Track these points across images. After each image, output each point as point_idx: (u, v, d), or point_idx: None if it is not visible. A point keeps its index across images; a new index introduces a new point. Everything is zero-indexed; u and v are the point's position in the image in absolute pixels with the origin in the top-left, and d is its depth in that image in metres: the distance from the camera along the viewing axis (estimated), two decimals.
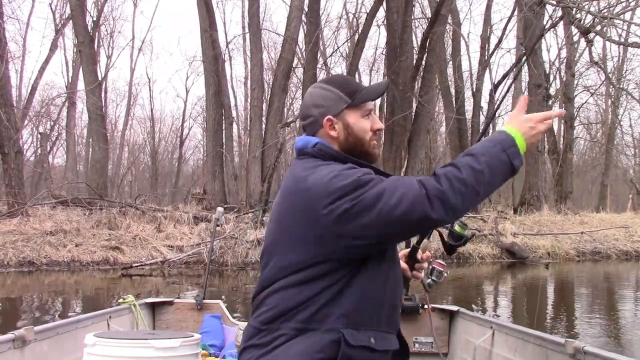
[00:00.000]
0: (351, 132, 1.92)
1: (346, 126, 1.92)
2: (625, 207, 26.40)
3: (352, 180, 1.72)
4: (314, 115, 1.95)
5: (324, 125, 1.92)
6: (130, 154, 39.74)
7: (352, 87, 1.95)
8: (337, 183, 1.73)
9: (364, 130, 1.94)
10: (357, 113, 1.94)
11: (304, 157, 1.91)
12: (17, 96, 26.67)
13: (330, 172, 1.76)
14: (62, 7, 27.91)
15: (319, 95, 1.96)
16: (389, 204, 1.67)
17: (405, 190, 1.67)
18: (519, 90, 29.00)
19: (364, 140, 1.94)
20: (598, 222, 20.01)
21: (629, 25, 16.75)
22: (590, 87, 27.60)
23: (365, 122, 1.95)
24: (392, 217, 1.68)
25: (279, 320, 1.81)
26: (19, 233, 14.31)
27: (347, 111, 1.93)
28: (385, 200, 1.67)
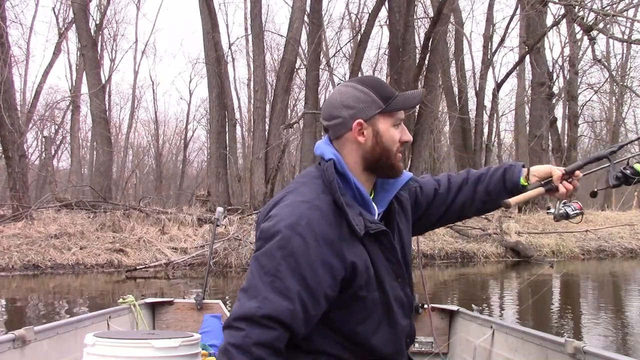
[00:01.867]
0: (380, 140, 1.79)
1: (376, 133, 1.79)
2: (630, 205, 26.30)
3: (270, 247, 1.65)
4: (342, 117, 1.79)
5: (352, 128, 1.78)
6: (134, 156, 39.79)
7: (387, 92, 1.80)
8: (267, 238, 1.67)
9: (392, 141, 1.81)
10: (389, 121, 1.80)
11: (318, 168, 1.83)
12: (21, 100, 26.76)
13: (286, 219, 1.67)
14: (65, 11, 27.96)
15: (350, 95, 1.79)
16: (239, 294, 1.67)
17: (241, 303, 1.63)
18: (522, 88, 28.96)
19: (390, 152, 1.81)
20: (603, 220, 19.93)
21: (632, 22, 16.67)
22: (594, 84, 27.50)
23: (395, 131, 1.81)
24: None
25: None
26: (23, 236, 14.35)
27: (379, 117, 1.79)
28: (241, 293, 1.66)
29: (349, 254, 1.69)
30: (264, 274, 1.61)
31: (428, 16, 23.54)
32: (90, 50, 21.30)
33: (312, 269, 1.63)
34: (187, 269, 13.87)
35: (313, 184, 1.77)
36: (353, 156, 1.80)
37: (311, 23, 20.37)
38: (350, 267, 1.70)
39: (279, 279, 1.60)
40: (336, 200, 1.71)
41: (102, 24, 26.49)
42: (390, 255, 1.81)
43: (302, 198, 1.72)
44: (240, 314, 1.60)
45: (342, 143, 1.81)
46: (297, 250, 1.62)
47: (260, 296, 1.60)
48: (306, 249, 1.63)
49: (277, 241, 1.63)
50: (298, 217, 1.66)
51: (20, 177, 16.11)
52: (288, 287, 1.60)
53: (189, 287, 11.83)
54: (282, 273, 1.60)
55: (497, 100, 25.40)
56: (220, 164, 19.46)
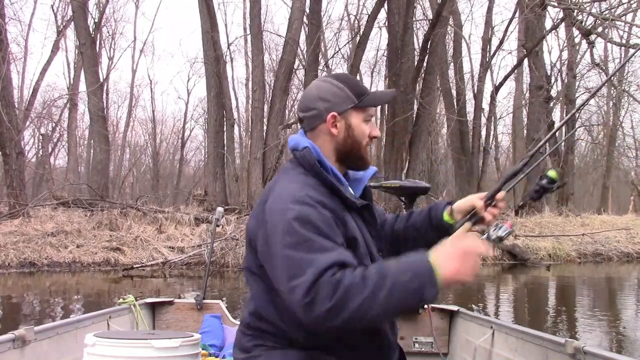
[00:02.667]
0: (352, 133, 1.90)
1: (348, 126, 1.89)
2: (626, 208, 26.36)
3: (285, 226, 1.68)
4: (318, 109, 1.90)
5: (327, 120, 1.89)
6: (131, 155, 39.74)
7: (360, 89, 1.92)
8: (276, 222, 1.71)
9: (363, 134, 1.91)
10: (361, 115, 1.91)
11: (293, 162, 1.92)
12: (18, 97, 26.70)
13: (286, 200, 1.73)
14: (63, 8, 27.90)
15: (326, 89, 1.92)
16: (285, 284, 1.65)
17: (297, 285, 1.60)
18: (520, 92, 28.99)
19: (361, 145, 1.91)
20: (599, 223, 19.97)
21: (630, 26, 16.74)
22: (592, 88, 27.54)
23: (365, 126, 1.92)
24: (283, 294, 1.68)
25: (258, 329, 1.84)
26: (20, 234, 14.32)
27: (352, 111, 1.90)
28: (284, 276, 1.65)
29: (348, 223, 1.81)
30: (298, 247, 1.65)
31: (427, 18, 23.55)
32: (88, 48, 21.28)
33: (330, 227, 1.70)
34: (184, 268, 13.86)
35: (293, 173, 1.86)
36: (326, 147, 1.91)
37: (310, 24, 20.37)
38: (351, 235, 1.79)
39: (312, 241, 1.65)
40: (324, 178, 1.82)
41: (100, 22, 26.41)
42: (372, 229, 1.94)
43: (291, 183, 1.81)
44: (306, 288, 1.59)
45: (316, 134, 1.92)
46: (312, 216, 1.69)
47: (310, 263, 1.61)
48: (318, 213, 1.70)
49: (290, 217, 1.68)
50: (297, 192, 1.74)
51: (17, 174, 16.08)
52: (323, 245, 1.65)
53: (186, 286, 11.83)
54: (310, 236, 1.65)
55: (495, 103, 25.44)
56: (217, 163, 19.45)
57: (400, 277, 1.59)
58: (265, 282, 1.79)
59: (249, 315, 1.89)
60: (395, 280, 1.59)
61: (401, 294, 1.59)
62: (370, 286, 1.57)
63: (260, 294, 1.83)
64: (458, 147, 23.55)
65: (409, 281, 1.59)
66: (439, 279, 1.61)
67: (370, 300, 1.57)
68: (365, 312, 1.57)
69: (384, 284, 1.58)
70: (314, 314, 1.58)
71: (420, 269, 1.61)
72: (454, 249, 1.68)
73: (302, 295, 1.58)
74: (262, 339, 1.82)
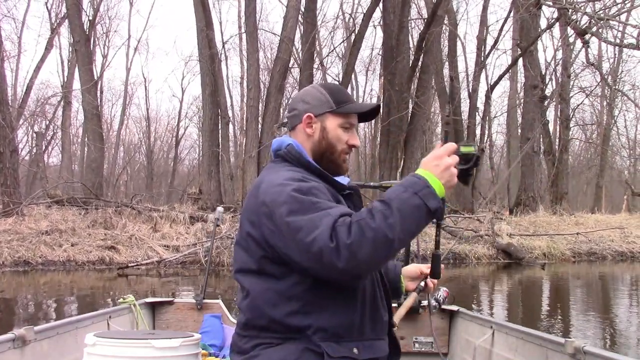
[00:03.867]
0: (326, 136, 1.98)
1: (323, 129, 1.98)
2: (620, 208, 26.45)
3: (287, 197, 1.74)
4: (298, 109, 2.02)
5: (303, 120, 1.99)
6: (125, 153, 39.60)
7: (342, 97, 2.02)
8: (276, 197, 1.77)
9: (338, 139, 1.99)
10: (337, 121, 1.99)
11: (276, 160, 2.00)
12: (12, 95, 26.60)
13: (280, 181, 1.81)
14: (57, 6, 27.86)
15: (309, 93, 2.04)
16: (305, 241, 1.68)
17: (318, 235, 1.65)
18: (514, 91, 29.07)
19: (335, 149, 1.99)
20: (593, 222, 20.05)
21: (624, 26, 16.77)
22: (586, 88, 27.67)
23: (343, 133, 2.00)
24: (308, 255, 1.69)
25: (256, 328, 1.85)
26: (14, 232, 14.27)
27: (329, 115, 1.99)
28: (301, 236, 1.69)
29: (342, 201, 1.90)
30: (307, 210, 1.71)
31: (422, 17, 23.61)
32: (82, 46, 21.19)
33: (326, 196, 1.81)
34: (179, 267, 13.84)
35: (280, 166, 1.95)
36: (305, 146, 2.00)
37: (305, 22, 20.36)
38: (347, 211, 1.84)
39: (318, 202, 1.73)
40: (311, 169, 1.93)
41: (95, 19, 26.35)
42: None
43: (281, 172, 1.88)
44: (327, 235, 1.64)
45: (296, 134, 2.03)
46: (310, 186, 1.78)
47: (323, 216, 1.68)
48: (314, 185, 1.80)
49: (290, 190, 1.75)
50: (291, 174, 1.84)
51: (11, 172, 16.03)
52: (329, 204, 1.74)
53: (181, 285, 11.81)
54: (314, 200, 1.73)
55: (489, 102, 25.50)
56: (212, 162, 19.43)
57: (402, 197, 1.69)
58: (265, 275, 1.82)
59: (245, 314, 1.90)
60: (399, 202, 1.68)
61: (409, 212, 1.67)
62: (379, 214, 1.65)
63: (259, 289, 1.84)
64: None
65: (410, 198, 1.69)
66: (436, 187, 1.73)
67: (384, 226, 1.64)
68: (384, 237, 1.64)
69: (390, 209, 1.66)
70: (342, 254, 1.62)
71: (415, 185, 1.72)
72: (438, 162, 1.78)
73: (326, 240, 1.64)
74: (260, 337, 1.83)
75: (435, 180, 1.74)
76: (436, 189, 1.73)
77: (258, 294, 1.84)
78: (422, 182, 1.72)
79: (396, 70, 19.03)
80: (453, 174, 1.79)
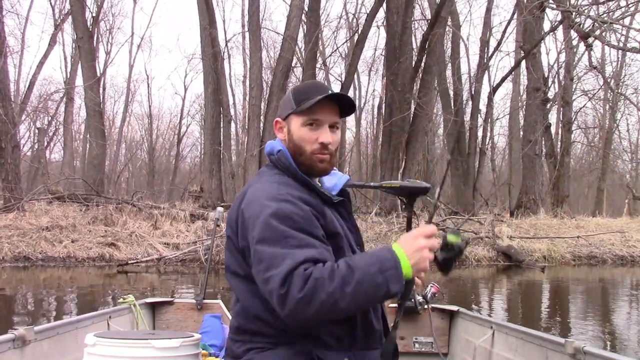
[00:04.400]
0: (291, 138, 1.93)
1: (289, 131, 1.95)
2: (621, 212, 26.43)
3: (262, 221, 1.73)
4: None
5: (274, 126, 2.01)
6: (127, 150, 39.63)
7: (304, 95, 1.91)
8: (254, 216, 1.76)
9: (302, 139, 1.91)
10: (300, 119, 1.91)
11: (269, 165, 1.99)
12: (15, 91, 26.57)
13: (263, 198, 1.79)
14: (61, 2, 27.87)
15: (283, 98, 2.04)
16: (261, 276, 1.70)
17: (273, 276, 1.65)
18: (517, 93, 29.05)
19: (303, 150, 1.91)
20: (594, 226, 20.02)
21: (628, 30, 16.80)
22: (589, 91, 27.65)
23: (306, 131, 1.91)
24: (262, 288, 1.71)
25: (248, 332, 1.85)
26: (14, 228, 14.28)
27: (293, 116, 1.93)
28: (261, 268, 1.70)
29: (328, 216, 1.86)
30: (276, 242, 1.69)
31: (426, 18, 23.59)
32: (86, 42, 21.19)
33: (308, 222, 1.76)
34: (179, 264, 13.84)
35: (270, 173, 1.93)
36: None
37: (308, 22, 20.34)
38: (332, 227, 1.85)
39: (290, 237, 1.70)
40: (298, 177, 1.89)
41: (98, 16, 26.33)
42: (349, 225, 1.99)
43: (268, 181, 1.88)
44: (281, 279, 1.63)
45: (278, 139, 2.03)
46: (290, 211, 1.74)
47: (287, 257, 1.66)
48: (297, 208, 1.76)
49: (268, 214, 1.73)
50: (275, 189, 1.81)
51: (12, 168, 16.02)
52: (300, 240, 1.70)
53: (181, 283, 11.81)
54: (289, 232, 1.70)
55: (492, 104, 25.48)
56: (214, 160, 19.42)
57: (368, 270, 1.65)
58: (250, 280, 1.81)
59: (236, 318, 1.90)
60: (363, 274, 1.65)
61: (368, 287, 1.64)
62: (339, 279, 1.62)
63: (245, 293, 1.85)
64: (454, 147, 23.58)
65: (375, 274, 1.65)
66: (405, 271, 1.69)
67: (339, 292, 1.62)
68: (334, 303, 1.62)
69: (352, 278, 1.63)
70: (288, 305, 1.62)
71: (385, 262, 1.68)
72: (414, 242, 1.75)
73: (277, 285, 1.63)
74: (252, 342, 1.83)
75: (405, 261, 1.70)
76: (404, 270, 1.69)
77: (247, 300, 1.84)
78: (392, 261, 1.69)
79: (399, 70, 19.01)
80: (425, 257, 1.74)
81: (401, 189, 2.06)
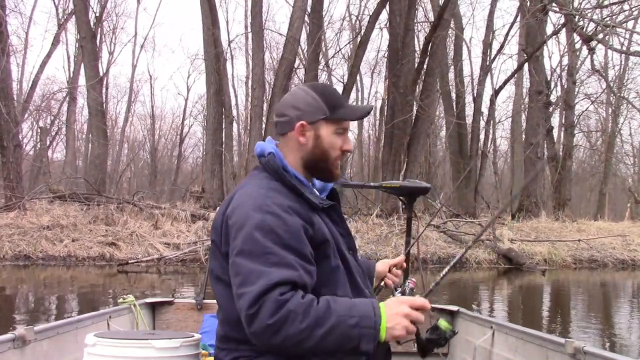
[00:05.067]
0: (320, 144, 1.90)
1: (317, 137, 1.90)
2: (623, 215, 26.41)
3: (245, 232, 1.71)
4: (289, 116, 1.92)
5: (295, 128, 1.90)
6: (129, 150, 39.69)
7: (335, 101, 1.91)
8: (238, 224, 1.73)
9: (332, 146, 1.91)
10: (332, 127, 1.91)
11: (259, 168, 1.95)
12: (18, 90, 26.60)
13: (249, 206, 1.75)
14: (65, 2, 27.84)
15: (301, 98, 1.92)
16: (235, 290, 1.69)
17: (245, 293, 1.64)
18: (519, 96, 29.02)
19: (329, 156, 1.91)
20: (596, 230, 19.99)
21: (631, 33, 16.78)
22: (591, 95, 27.62)
23: (337, 139, 1.92)
24: (236, 300, 1.70)
25: (234, 341, 1.83)
26: (15, 227, 14.30)
27: (323, 122, 1.90)
28: (236, 281, 1.69)
29: (316, 224, 1.81)
30: (255, 257, 1.66)
31: (428, 20, 23.57)
32: (89, 42, 21.22)
33: (294, 237, 1.71)
34: (179, 264, 13.85)
35: (259, 177, 1.89)
36: (294, 153, 1.92)
37: (311, 23, 20.36)
38: (319, 235, 1.80)
39: (271, 254, 1.66)
40: (286, 182, 1.84)
41: (101, 16, 26.39)
42: (341, 229, 1.96)
43: (256, 187, 1.82)
44: (253, 299, 1.61)
45: (286, 140, 1.94)
46: (274, 225, 1.70)
47: (262, 275, 1.63)
48: (281, 221, 1.71)
49: (252, 225, 1.70)
50: (262, 198, 1.76)
51: (14, 167, 16.05)
52: (281, 257, 1.66)
53: (181, 283, 11.82)
54: (270, 249, 1.67)
55: (494, 106, 25.44)
56: (215, 160, 19.42)
57: (345, 321, 1.63)
58: (231, 289, 1.77)
59: (222, 327, 1.88)
60: (338, 322, 1.62)
61: (339, 336, 1.62)
62: (312, 318, 1.60)
63: (229, 300, 1.79)
64: (456, 150, 23.56)
65: (351, 327, 1.62)
66: (382, 331, 1.65)
67: (308, 332, 1.60)
68: (300, 341, 1.60)
69: (326, 321, 1.61)
70: (253, 327, 1.61)
71: (364, 319, 1.64)
72: (397, 307, 1.71)
73: (247, 304, 1.62)
74: (239, 350, 1.81)
75: (384, 323, 1.66)
76: (381, 332, 1.65)
77: (231, 307, 1.78)
78: (373, 319, 1.65)
79: (401, 72, 19.01)
80: (402, 325, 1.68)
81: (401, 189, 2.08)
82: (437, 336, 1.87)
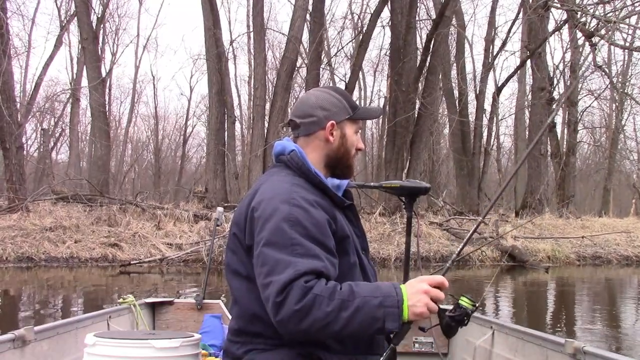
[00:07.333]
0: (345, 142, 2.01)
1: (343, 135, 2.00)
2: (627, 212, 26.32)
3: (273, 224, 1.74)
4: (317, 116, 1.99)
5: (326, 128, 1.98)
6: (133, 151, 39.70)
7: (353, 102, 2.06)
8: (265, 217, 1.77)
9: (353, 144, 2.04)
10: (354, 127, 2.04)
11: (279, 165, 1.99)
12: (21, 92, 26.64)
13: (276, 200, 1.79)
14: (67, 3, 27.86)
15: (326, 99, 2.01)
16: (262, 280, 1.71)
17: (273, 282, 1.67)
18: (522, 93, 28.97)
19: (350, 154, 2.03)
20: (600, 226, 19.94)
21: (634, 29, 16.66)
22: (595, 91, 27.51)
23: (355, 138, 2.05)
24: (261, 290, 1.72)
25: (249, 334, 1.85)
26: (18, 228, 14.32)
27: (347, 122, 2.02)
28: (263, 271, 1.71)
29: (338, 219, 1.88)
30: (283, 248, 1.71)
31: (430, 18, 23.53)
32: (91, 43, 21.25)
33: (320, 230, 1.77)
34: (182, 265, 13.86)
35: (281, 173, 1.93)
36: (318, 152, 2.00)
37: (313, 22, 20.32)
38: (341, 230, 1.87)
39: (298, 245, 1.71)
40: (311, 178, 1.91)
41: (104, 17, 26.41)
42: (356, 229, 2.01)
43: (281, 182, 1.88)
44: (280, 287, 1.64)
45: (311, 140, 2.01)
46: (301, 217, 1.75)
47: (290, 265, 1.67)
48: (308, 214, 1.77)
49: (279, 217, 1.75)
50: (288, 192, 1.81)
51: (17, 168, 16.07)
52: (307, 249, 1.71)
53: (183, 283, 11.82)
54: (297, 240, 1.72)
55: (497, 104, 25.43)
56: (218, 160, 19.41)
57: (369, 301, 1.67)
58: (251, 280, 1.81)
59: (236, 321, 1.90)
60: (363, 303, 1.67)
61: (365, 317, 1.66)
62: (338, 301, 1.65)
63: (246, 293, 1.84)
64: (459, 147, 23.53)
65: (375, 307, 1.67)
66: (405, 312, 1.70)
67: (334, 315, 1.64)
68: (326, 325, 1.64)
69: (351, 303, 1.66)
70: (281, 314, 1.64)
71: (388, 298, 1.69)
72: (417, 285, 1.76)
73: (275, 292, 1.65)
74: (253, 343, 1.84)
75: (406, 301, 1.71)
76: (404, 310, 1.70)
77: (248, 301, 1.84)
78: (396, 298, 1.70)
79: (403, 70, 18.99)
80: (423, 302, 1.74)
81: (401, 188, 2.08)
82: (460, 313, 1.91)
